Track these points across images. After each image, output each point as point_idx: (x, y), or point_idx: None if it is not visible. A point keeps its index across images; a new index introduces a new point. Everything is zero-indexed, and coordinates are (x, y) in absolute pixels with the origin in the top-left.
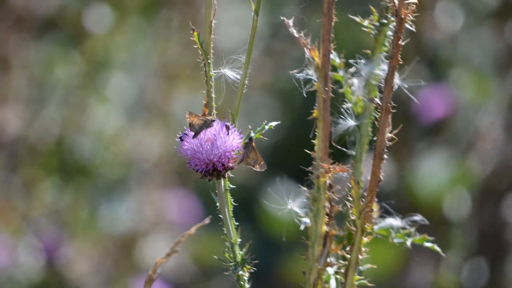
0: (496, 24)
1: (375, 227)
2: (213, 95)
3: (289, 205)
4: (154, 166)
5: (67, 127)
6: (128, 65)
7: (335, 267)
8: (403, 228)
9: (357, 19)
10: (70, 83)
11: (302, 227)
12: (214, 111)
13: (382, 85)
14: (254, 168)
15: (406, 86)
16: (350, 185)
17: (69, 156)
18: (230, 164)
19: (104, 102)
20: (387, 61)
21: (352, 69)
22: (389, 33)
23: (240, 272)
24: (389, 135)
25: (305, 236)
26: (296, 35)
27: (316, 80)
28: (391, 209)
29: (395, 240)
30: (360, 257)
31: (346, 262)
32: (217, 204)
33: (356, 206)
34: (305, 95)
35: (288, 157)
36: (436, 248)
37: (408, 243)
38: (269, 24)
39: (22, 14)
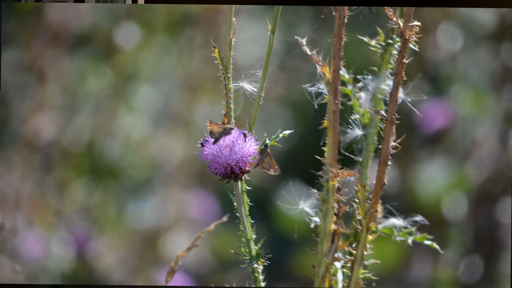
0: (492, 45)
1: (379, 226)
2: (232, 106)
3: (301, 205)
4: (177, 169)
5: (98, 133)
6: (154, 78)
7: (342, 262)
8: (405, 228)
9: (365, 39)
10: (100, 94)
11: (312, 225)
12: (232, 120)
13: (387, 98)
14: (268, 172)
15: (410, 100)
16: (357, 188)
17: (99, 159)
18: (246, 168)
19: (131, 111)
20: (392, 77)
21: (360, 84)
22: (394, 52)
23: (255, 265)
24: (393, 143)
25: (315, 233)
26: (309, 52)
27: (326, 93)
28: (394, 210)
29: (398, 238)
30: (365, 253)
31: (352, 257)
32: (235, 203)
33: (362, 207)
34: (316, 107)
35: (300, 163)
36: (435, 245)
37: (410, 241)
38: (284, 42)
39: (57, 31)
